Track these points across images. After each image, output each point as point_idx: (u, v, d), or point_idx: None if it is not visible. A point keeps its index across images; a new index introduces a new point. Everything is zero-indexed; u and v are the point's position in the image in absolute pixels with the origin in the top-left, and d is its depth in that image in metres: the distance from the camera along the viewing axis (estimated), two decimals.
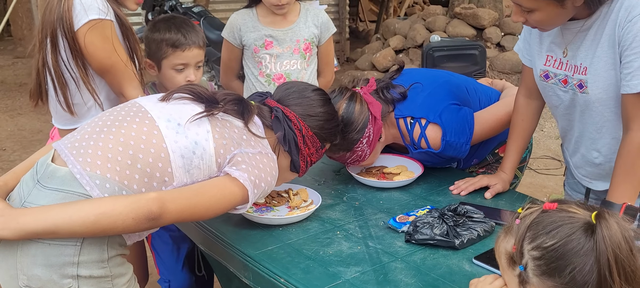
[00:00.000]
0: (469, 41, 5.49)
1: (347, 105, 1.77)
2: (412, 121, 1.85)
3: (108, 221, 1.18)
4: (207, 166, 1.32)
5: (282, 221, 1.61)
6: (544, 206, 0.98)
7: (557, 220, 0.94)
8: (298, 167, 1.56)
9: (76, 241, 1.21)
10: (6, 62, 7.77)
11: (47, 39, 1.70)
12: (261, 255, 1.46)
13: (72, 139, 1.30)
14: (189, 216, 1.30)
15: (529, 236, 0.96)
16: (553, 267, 0.93)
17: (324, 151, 1.63)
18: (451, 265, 1.41)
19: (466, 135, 1.83)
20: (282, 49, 2.35)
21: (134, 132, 1.28)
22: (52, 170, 1.24)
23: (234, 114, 1.40)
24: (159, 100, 1.37)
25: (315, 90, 1.60)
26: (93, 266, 1.23)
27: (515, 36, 6.44)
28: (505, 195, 1.82)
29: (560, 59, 1.59)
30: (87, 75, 1.73)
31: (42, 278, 1.20)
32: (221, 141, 1.33)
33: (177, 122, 1.31)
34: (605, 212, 0.94)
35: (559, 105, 1.66)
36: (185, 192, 1.28)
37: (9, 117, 5.56)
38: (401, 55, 6.45)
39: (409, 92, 1.89)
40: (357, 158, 1.83)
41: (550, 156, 4.49)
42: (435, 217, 1.53)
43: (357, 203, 1.77)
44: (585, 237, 0.91)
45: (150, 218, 1.20)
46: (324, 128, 1.57)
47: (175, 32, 1.91)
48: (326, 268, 1.40)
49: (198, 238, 1.69)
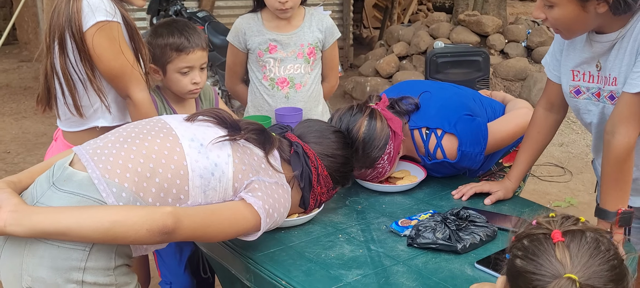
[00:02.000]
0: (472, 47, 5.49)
1: (368, 123, 1.77)
2: (428, 132, 1.85)
3: (121, 230, 1.17)
4: (223, 189, 1.33)
5: (284, 223, 1.61)
6: (552, 232, 0.97)
7: (538, 253, 0.95)
8: (307, 203, 1.57)
9: (85, 246, 1.20)
10: (12, 66, 7.82)
11: (55, 42, 1.71)
12: (263, 257, 1.47)
13: (95, 146, 1.31)
14: (201, 235, 1.29)
15: (521, 243, 1.00)
16: (511, 278, 1.00)
17: (333, 193, 1.63)
18: (453, 269, 1.41)
19: (481, 145, 1.84)
20: (286, 53, 2.36)
21: (157, 146, 1.29)
22: (69, 174, 1.24)
23: (255, 143, 1.42)
24: (184, 120, 1.40)
25: (335, 132, 1.62)
26: (99, 273, 1.22)
27: (519, 43, 6.44)
28: (508, 201, 1.82)
29: (590, 72, 1.58)
30: (94, 76, 1.73)
31: (46, 281, 1.19)
32: (241, 166, 1.35)
33: (200, 143, 1.32)
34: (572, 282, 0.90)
35: (590, 122, 1.65)
36: (200, 211, 1.28)
37: (14, 120, 5.59)
38: (405, 61, 6.46)
39: (421, 102, 1.89)
40: (377, 174, 1.84)
41: (553, 163, 4.48)
42: (438, 221, 1.53)
43: (359, 207, 1.77)
44: (539, 284, 0.93)
45: (164, 232, 1.19)
46: (339, 171, 1.59)
47: (178, 35, 1.92)
48: (328, 271, 1.40)
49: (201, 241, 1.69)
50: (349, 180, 1.67)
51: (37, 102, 1.83)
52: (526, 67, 6.06)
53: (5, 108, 5.96)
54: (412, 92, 1.94)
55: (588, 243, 0.94)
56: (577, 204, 3.74)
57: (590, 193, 3.86)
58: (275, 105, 2.37)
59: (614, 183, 1.48)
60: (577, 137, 5.07)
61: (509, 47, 6.41)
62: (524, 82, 5.95)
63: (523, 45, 6.44)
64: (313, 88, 2.44)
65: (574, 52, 1.62)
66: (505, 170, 2.06)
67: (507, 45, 6.44)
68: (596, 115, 1.62)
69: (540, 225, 1.00)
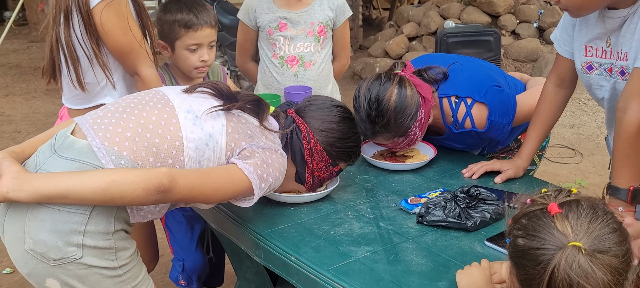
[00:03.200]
0: (483, 27, 5.43)
1: (399, 91, 1.73)
2: (457, 100, 1.83)
3: (118, 189, 1.20)
4: (217, 158, 1.36)
5: (294, 200, 1.61)
6: (548, 206, 0.97)
7: (539, 229, 0.96)
8: (303, 179, 1.57)
9: (85, 210, 1.23)
10: (21, 46, 7.84)
11: (61, 15, 1.71)
12: (272, 233, 1.47)
13: (95, 116, 1.35)
14: (197, 195, 1.31)
15: (519, 223, 1.00)
16: (515, 261, 1.00)
17: (336, 170, 1.61)
18: (463, 246, 1.40)
19: (509, 116, 1.83)
20: (296, 31, 2.35)
21: (154, 117, 1.32)
22: (70, 142, 1.28)
23: (250, 113, 1.43)
24: (182, 91, 1.42)
25: (335, 106, 1.59)
26: (98, 237, 1.25)
27: (530, 24, 6.36)
28: (519, 180, 1.80)
29: (602, 47, 1.57)
30: (100, 52, 1.73)
31: (47, 243, 1.22)
32: (234, 135, 1.37)
33: (195, 115, 1.35)
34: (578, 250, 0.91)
35: (603, 98, 1.64)
36: (195, 172, 1.32)
37: (24, 100, 5.62)
38: (414, 42, 6.40)
39: (449, 72, 1.88)
40: (409, 142, 1.82)
41: (564, 145, 4.44)
42: (448, 198, 1.52)
43: (369, 185, 1.77)
44: (545, 259, 0.93)
45: (160, 191, 1.22)
46: (335, 146, 1.56)
47: (187, 12, 1.91)
48: (337, 248, 1.40)
49: (210, 217, 1.70)
50: (351, 157, 1.62)
51: (42, 74, 1.84)
52: (538, 48, 5.99)
53: (16, 88, 5.99)
54: (438, 63, 1.92)
55: (585, 210, 0.95)
56: (587, 186, 3.72)
57: (600, 175, 3.83)
58: (284, 83, 2.36)
59: (626, 159, 1.46)
60: (588, 119, 5.02)
61: (521, 27, 6.33)
62: (535, 63, 5.89)
63: (535, 25, 6.35)
64: (323, 67, 2.42)
65: (586, 27, 1.61)
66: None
67: (519, 26, 6.35)
68: (608, 91, 1.61)
69: (535, 202, 1.01)
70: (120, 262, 1.30)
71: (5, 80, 6.26)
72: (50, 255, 1.23)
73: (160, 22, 1.94)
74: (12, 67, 6.84)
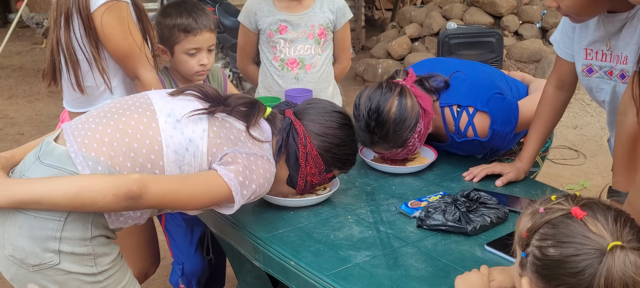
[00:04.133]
0: (486, 28, 5.42)
1: (399, 102, 1.73)
2: (459, 109, 1.83)
3: (89, 195, 1.19)
4: (198, 164, 1.33)
5: (294, 204, 1.61)
6: (571, 210, 0.95)
7: (572, 234, 0.92)
8: (295, 183, 1.54)
9: (60, 216, 1.23)
10: (25, 48, 7.87)
11: (61, 17, 1.71)
12: (272, 238, 1.46)
13: (78, 121, 1.34)
14: (172, 201, 1.29)
15: (541, 233, 0.96)
16: (546, 273, 0.95)
17: (329, 176, 1.57)
18: (463, 251, 1.39)
19: (512, 124, 1.82)
20: (296, 34, 2.34)
21: (133, 121, 1.30)
22: (51, 148, 1.28)
23: (238, 116, 1.40)
24: (167, 95, 1.39)
25: (335, 112, 1.55)
26: (75, 243, 1.25)
27: (533, 24, 6.34)
28: (520, 183, 1.79)
29: (602, 50, 1.56)
30: (99, 55, 1.73)
31: (25, 249, 1.23)
32: (215, 140, 1.34)
33: (176, 118, 1.32)
34: (621, 248, 0.89)
35: (604, 100, 1.63)
36: (170, 178, 1.29)
37: (27, 102, 5.64)
38: (417, 43, 6.39)
39: (451, 81, 1.87)
40: (407, 152, 1.82)
41: (566, 146, 4.43)
42: (448, 202, 1.51)
43: (369, 188, 1.76)
44: (585, 264, 0.90)
45: (130, 197, 1.21)
46: (331, 152, 1.52)
47: (187, 16, 1.90)
48: (336, 252, 1.39)
49: (210, 221, 1.70)
50: (346, 165, 1.58)
51: (43, 77, 1.85)
52: (541, 48, 5.97)
53: (19, 90, 6.01)
54: (440, 70, 1.92)
55: (606, 209, 0.94)
56: (590, 187, 3.70)
57: (603, 177, 3.82)
58: (285, 86, 2.36)
59: (626, 163, 1.45)
60: (591, 120, 5.00)
61: (524, 28, 6.32)
62: (538, 64, 5.87)
63: (538, 26, 6.34)
64: (323, 69, 2.42)
65: (586, 30, 1.60)
66: None
67: (522, 27, 6.34)
68: (608, 94, 1.60)
69: (552, 210, 0.98)
70: (100, 268, 1.29)
71: (8, 83, 6.28)
72: (28, 261, 1.24)
73: (160, 26, 1.94)
74: (16, 69, 6.86)
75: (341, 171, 1.60)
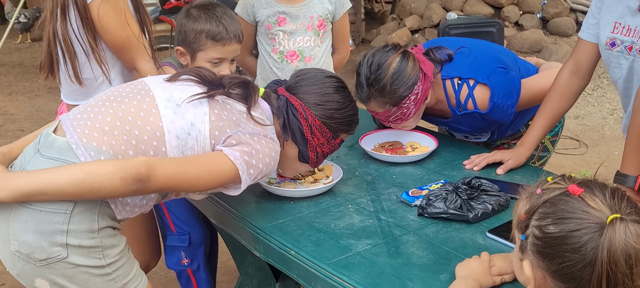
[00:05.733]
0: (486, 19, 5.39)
1: (400, 61, 1.75)
2: (460, 82, 1.83)
3: (96, 180, 1.18)
4: (201, 148, 1.32)
5: (293, 194, 1.60)
6: (568, 188, 0.95)
7: (571, 210, 0.92)
8: (306, 157, 1.52)
9: (66, 209, 1.22)
10: (24, 45, 7.85)
11: (57, 9, 1.70)
12: (272, 227, 1.46)
13: (76, 112, 1.32)
14: (179, 183, 1.27)
15: (540, 213, 0.96)
16: (547, 252, 0.94)
17: (338, 141, 1.55)
18: (464, 239, 1.39)
19: (513, 98, 1.81)
20: (295, 26, 2.33)
21: (132, 108, 1.29)
22: (51, 140, 1.27)
23: (237, 98, 1.38)
24: (165, 80, 1.38)
25: (328, 77, 1.53)
26: (83, 236, 1.24)
27: (533, 15, 6.31)
28: (522, 170, 1.78)
29: (628, 25, 1.55)
30: (97, 46, 1.72)
31: (32, 244, 1.22)
32: (217, 123, 1.33)
33: (176, 103, 1.31)
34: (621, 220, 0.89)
35: (618, 79, 1.61)
36: (177, 160, 1.28)
37: (27, 98, 5.63)
38: (417, 35, 6.37)
39: (455, 55, 1.87)
40: (401, 116, 1.81)
41: (569, 136, 4.41)
42: (449, 190, 1.50)
43: (369, 177, 1.75)
44: (587, 238, 0.90)
45: (138, 180, 1.20)
46: (333, 117, 1.50)
47: (217, 23, 1.79)
48: (337, 241, 1.38)
49: (210, 212, 1.69)
50: (351, 126, 1.55)
51: (40, 69, 1.83)
52: (541, 39, 5.94)
53: (19, 87, 6.00)
54: (448, 47, 1.91)
55: (602, 186, 0.94)
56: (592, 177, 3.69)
57: (605, 166, 3.80)
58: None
59: (637, 147, 1.44)
60: (593, 110, 4.98)
61: (524, 18, 6.28)
62: (539, 55, 5.84)
63: (538, 16, 6.30)
64: (323, 60, 2.41)
65: (620, 2, 1.57)
66: None
67: (522, 17, 6.30)
68: (625, 69, 1.58)
69: (550, 189, 0.97)
70: (108, 260, 1.28)
71: (8, 79, 6.28)
72: (35, 256, 1.22)
73: (184, 28, 1.82)
74: (15, 66, 6.85)
75: (348, 133, 1.58)
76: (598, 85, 5.45)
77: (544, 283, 0.97)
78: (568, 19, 6.12)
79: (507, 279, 1.20)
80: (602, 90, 5.37)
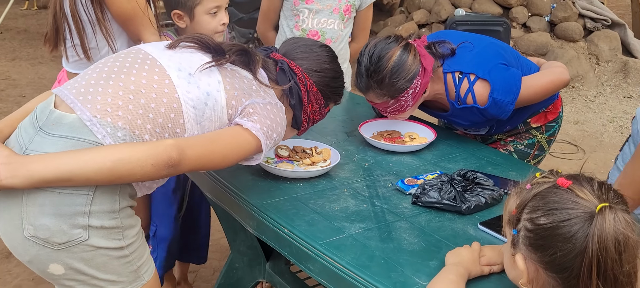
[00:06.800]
0: (493, 17, 5.38)
1: (401, 53, 1.76)
2: (461, 76, 1.84)
3: (126, 168, 1.14)
4: (218, 118, 1.30)
5: (290, 174, 1.61)
6: (557, 181, 0.97)
7: (561, 201, 0.94)
8: (300, 123, 1.54)
9: (88, 190, 1.16)
10: (30, 11, 7.84)
11: None
12: (267, 205, 1.47)
13: (77, 85, 1.23)
14: (207, 163, 1.27)
15: (530, 206, 0.98)
16: (539, 243, 0.96)
17: (327, 110, 1.59)
18: (456, 229, 1.40)
19: (512, 94, 1.82)
20: (322, 6, 2.36)
21: (144, 80, 1.23)
22: (57, 117, 1.18)
23: (242, 65, 1.37)
24: (165, 48, 1.33)
25: (322, 46, 1.57)
26: (104, 216, 1.19)
27: (542, 17, 6.29)
28: (517, 167, 1.80)
29: None
30: (104, 18, 1.73)
31: (51, 228, 1.15)
32: (232, 92, 1.31)
33: (188, 72, 1.27)
34: (609, 208, 0.92)
35: None
36: (201, 140, 1.26)
37: (30, 65, 5.63)
38: (424, 29, 6.35)
39: (458, 50, 1.88)
40: (398, 108, 1.83)
41: (567, 141, 4.42)
42: (444, 181, 1.51)
43: (366, 164, 1.77)
44: (577, 227, 0.92)
45: (170, 165, 1.17)
46: (329, 85, 1.53)
47: None
48: (331, 223, 1.40)
49: (207, 188, 1.71)
50: (340, 97, 1.60)
51: (45, 41, 1.83)
52: (548, 42, 5.94)
53: (23, 53, 6.00)
54: (452, 41, 1.92)
55: (589, 179, 0.96)
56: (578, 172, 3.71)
57: (602, 173, 3.82)
58: None
59: None
60: (593, 116, 4.99)
61: (532, 20, 6.27)
62: (544, 57, 5.84)
63: (546, 19, 6.29)
64: (342, 46, 2.44)
65: None
66: (531, 131, 2.05)
67: (530, 19, 6.29)
68: None
69: (539, 184, 1.00)
70: (126, 241, 1.24)
71: (12, 45, 6.27)
72: (54, 240, 1.16)
73: None
74: (20, 31, 6.84)
75: (336, 103, 1.62)
76: (600, 93, 5.46)
77: (536, 276, 0.99)
78: (576, 24, 6.11)
79: (495, 270, 1.22)
80: (604, 97, 5.38)
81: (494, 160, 1.83)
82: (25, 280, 2.50)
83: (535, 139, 2.05)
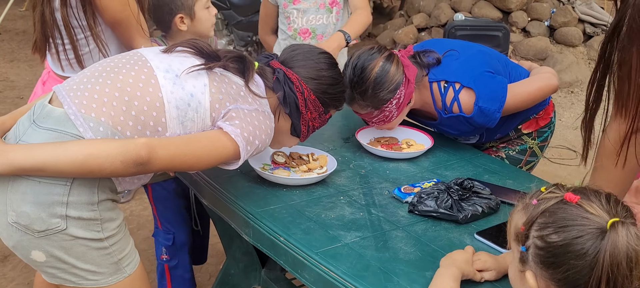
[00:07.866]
0: (493, 22, 5.38)
1: (383, 64, 1.76)
2: (446, 85, 1.84)
3: (96, 162, 1.18)
4: (201, 119, 1.32)
5: (287, 182, 1.61)
6: (565, 196, 0.96)
7: (571, 217, 0.93)
8: (299, 131, 1.54)
9: (66, 181, 1.21)
10: (27, 13, 7.82)
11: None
12: (263, 213, 1.46)
13: (72, 82, 1.31)
14: (179, 164, 1.29)
15: (539, 223, 0.96)
16: (551, 261, 0.94)
17: (327, 117, 1.59)
18: (452, 238, 1.40)
19: (498, 102, 1.82)
20: (308, 4, 2.41)
21: (131, 79, 1.28)
22: (48, 111, 1.26)
23: (234, 71, 1.39)
24: (161, 52, 1.38)
25: (321, 53, 1.57)
26: (82, 208, 1.24)
27: (541, 22, 6.30)
28: (514, 177, 1.79)
29: None
30: (95, 24, 1.72)
31: (30, 215, 1.21)
32: (217, 96, 1.33)
33: (175, 74, 1.31)
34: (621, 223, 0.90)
35: None
36: (176, 140, 1.28)
37: (28, 66, 5.62)
38: (424, 33, 6.35)
39: (444, 59, 1.88)
40: (383, 118, 1.83)
41: (565, 146, 4.42)
42: (441, 189, 1.51)
43: (363, 171, 1.76)
44: (590, 244, 0.90)
45: (138, 163, 1.20)
46: (327, 92, 1.53)
47: None
48: (327, 231, 1.39)
49: (204, 194, 1.70)
50: (341, 102, 1.60)
51: (33, 49, 1.80)
52: (547, 47, 5.94)
53: (21, 54, 5.99)
54: (438, 49, 1.92)
55: (596, 192, 0.95)
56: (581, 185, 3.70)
57: None
58: None
59: None
60: None
61: (532, 25, 6.27)
62: (544, 62, 5.84)
63: (546, 24, 6.29)
64: None
65: None
66: (523, 137, 2.04)
67: (530, 24, 6.29)
68: None
69: (545, 199, 0.98)
70: (106, 233, 1.28)
71: (11, 46, 6.26)
72: (34, 227, 1.22)
73: None
74: (19, 33, 6.83)
75: (337, 109, 1.62)
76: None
77: None
78: (575, 29, 6.11)
79: (487, 277, 1.21)
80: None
81: (491, 167, 1.83)
82: (20, 285, 2.49)
83: (527, 145, 2.04)
